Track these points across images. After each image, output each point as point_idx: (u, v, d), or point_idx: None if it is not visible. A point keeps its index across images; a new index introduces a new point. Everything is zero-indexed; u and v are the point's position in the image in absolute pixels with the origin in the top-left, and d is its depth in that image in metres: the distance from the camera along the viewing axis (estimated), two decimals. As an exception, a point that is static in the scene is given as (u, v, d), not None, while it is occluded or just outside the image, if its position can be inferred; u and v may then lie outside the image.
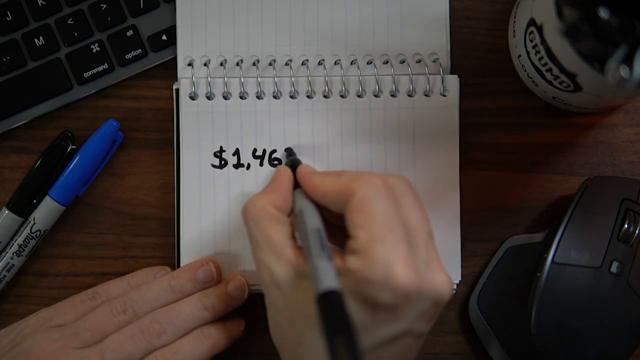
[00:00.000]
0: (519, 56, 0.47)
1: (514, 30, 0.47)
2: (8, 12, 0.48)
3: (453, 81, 0.48)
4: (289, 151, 0.47)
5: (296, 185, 0.42)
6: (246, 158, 0.48)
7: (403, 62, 0.48)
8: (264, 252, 0.39)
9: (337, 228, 0.41)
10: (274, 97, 0.48)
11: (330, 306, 0.34)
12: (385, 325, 0.36)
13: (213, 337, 0.45)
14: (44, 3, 0.48)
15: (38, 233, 0.48)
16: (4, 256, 0.48)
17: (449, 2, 0.49)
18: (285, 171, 0.43)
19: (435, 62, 0.48)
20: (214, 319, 0.46)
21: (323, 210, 0.41)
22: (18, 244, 0.47)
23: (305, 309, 0.37)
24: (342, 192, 0.38)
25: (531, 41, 0.44)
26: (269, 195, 0.41)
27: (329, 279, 0.35)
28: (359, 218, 0.37)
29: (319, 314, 0.34)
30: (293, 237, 0.40)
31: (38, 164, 0.48)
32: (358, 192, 0.38)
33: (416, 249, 0.37)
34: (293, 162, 0.44)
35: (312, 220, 0.39)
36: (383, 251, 0.36)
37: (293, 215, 0.41)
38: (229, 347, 0.46)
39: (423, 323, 0.38)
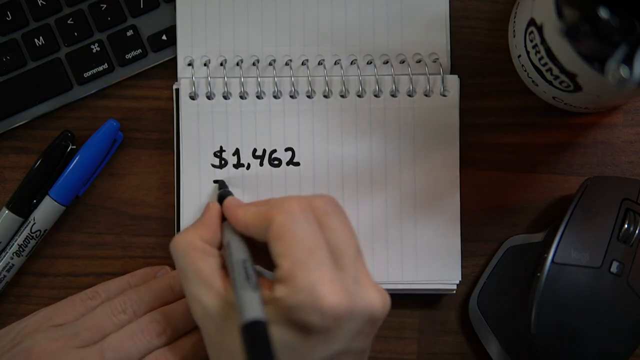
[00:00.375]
0: (519, 56, 0.47)
1: (514, 30, 0.47)
2: (8, 12, 0.48)
3: (453, 81, 0.48)
4: (220, 184, 0.47)
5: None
6: (246, 158, 0.48)
7: (403, 62, 0.48)
8: (194, 285, 0.39)
9: (265, 255, 0.40)
10: (274, 97, 0.48)
11: (254, 336, 0.34)
12: (320, 348, 0.36)
13: (212, 337, 0.45)
14: (44, 3, 0.48)
15: (38, 233, 0.48)
16: (4, 256, 0.48)
17: (449, 2, 0.49)
18: (214, 205, 0.43)
19: (435, 62, 0.48)
20: (213, 318, 0.46)
21: (254, 241, 0.40)
22: (18, 244, 0.47)
23: (237, 340, 0.36)
24: (262, 222, 0.38)
25: (531, 41, 0.44)
26: (198, 229, 0.41)
27: (252, 309, 0.35)
28: (279, 246, 0.37)
29: (243, 344, 0.34)
30: (223, 268, 0.40)
31: (38, 164, 0.48)
32: (275, 220, 0.37)
33: (343, 267, 0.37)
34: (222, 195, 0.44)
35: (238, 252, 0.39)
36: (306, 275, 0.36)
37: (222, 247, 0.41)
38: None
39: (360, 340, 0.37)
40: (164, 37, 0.49)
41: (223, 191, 0.46)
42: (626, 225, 0.45)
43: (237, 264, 0.38)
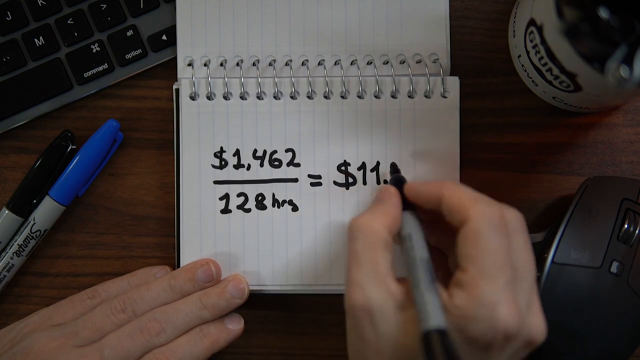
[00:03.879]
0: (519, 56, 0.47)
1: (514, 30, 0.47)
2: (8, 12, 0.48)
3: (454, 83, 0.48)
4: (393, 167, 0.47)
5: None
6: (246, 159, 0.48)
7: (403, 62, 0.48)
8: (365, 275, 0.37)
9: (435, 252, 0.40)
10: (275, 97, 0.48)
11: (438, 346, 0.34)
12: None
13: (212, 336, 0.45)
14: (44, 3, 0.48)
15: (38, 233, 0.48)
16: (4, 256, 0.48)
17: (449, 2, 0.49)
18: (395, 191, 0.41)
19: (435, 62, 0.48)
20: (213, 318, 0.46)
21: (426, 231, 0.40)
22: (18, 244, 0.47)
23: (400, 343, 0.36)
24: (460, 210, 0.38)
25: (531, 41, 0.44)
26: (383, 217, 0.39)
27: (437, 317, 0.34)
28: (470, 250, 0.36)
29: (425, 352, 0.34)
30: (393, 267, 0.38)
31: (38, 164, 0.48)
32: (473, 221, 0.37)
33: (521, 290, 0.37)
34: (398, 180, 0.44)
35: (421, 249, 0.38)
36: (491, 291, 0.35)
37: (400, 237, 0.40)
38: (228, 346, 0.46)
39: None
40: (164, 37, 0.49)
41: (397, 176, 0.45)
42: (626, 225, 0.45)
43: (421, 262, 0.37)
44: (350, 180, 0.48)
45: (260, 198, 0.48)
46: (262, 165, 0.48)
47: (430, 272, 0.37)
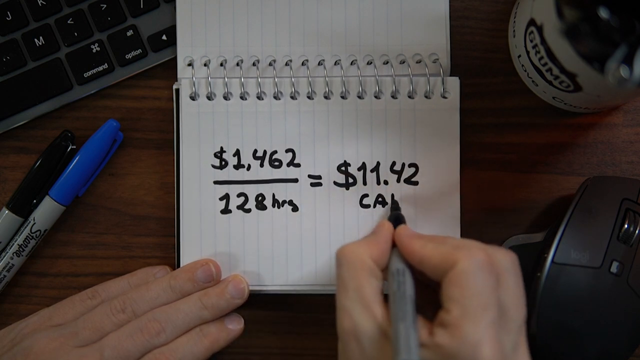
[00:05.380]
0: (519, 56, 0.47)
1: (514, 30, 0.47)
2: (8, 12, 0.48)
3: (454, 83, 0.48)
4: (394, 205, 0.47)
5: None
6: (247, 159, 0.48)
7: (403, 62, 0.48)
8: (351, 300, 0.38)
9: (424, 288, 0.40)
10: (275, 97, 0.48)
11: None
12: None
13: (212, 336, 0.45)
14: (44, 3, 0.48)
15: (38, 233, 0.48)
16: (4, 256, 0.48)
17: (449, 2, 0.49)
18: (388, 226, 0.42)
19: (435, 62, 0.48)
20: (213, 318, 0.46)
21: (414, 271, 0.40)
22: (18, 244, 0.47)
23: None
24: (443, 262, 0.37)
25: (531, 41, 0.44)
26: (370, 246, 0.40)
27: (410, 351, 0.35)
28: (455, 291, 0.36)
29: None
30: (382, 293, 0.39)
31: (38, 164, 0.48)
32: (459, 265, 0.37)
33: (507, 330, 0.36)
34: (396, 218, 0.44)
35: (408, 285, 0.38)
36: (474, 331, 0.35)
37: (387, 273, 0.40)
38: (228, 346, 0.46)
39: None
40: (164, 37, 0.49)
41: (396, 213, 0.45)
42: (626, 225, 0.45)
43: (402, 299, 0.37)
44: (351, 180, 0.48)
45: (260, 198, 0.48)
46: (262, 165, 0.48)
47: (412, 308, 0.37)
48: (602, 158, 0.49)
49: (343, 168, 0.48)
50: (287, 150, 0.48)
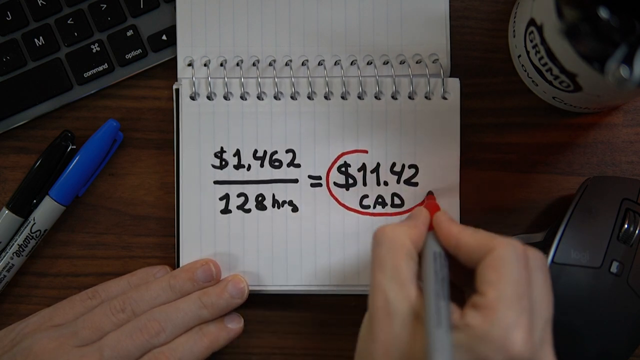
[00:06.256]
0: (519, 56, 0.47)
1: (514, 30, 0.47)
2: (8, 12, 0.48)
3: (454, 84, 0.48)
4: (429, 193, 0.47)
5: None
6: (247, 159, 0.48)
7: (403, 62, 0.48)
8: (387, 278, 0.38)
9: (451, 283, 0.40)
10: (275, 98, 0.48)
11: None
12: None
13: (211, 335, 0.45)
14: (44, 3, 0.48)
15: (38, 233, 0.48)
16: (4, 256, 0.48)
17: (449, 2, 0.49)
18: (426, 212, 0.42)
19: (435, 62, 0.48)
20: (213, 317, 0.46)
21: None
22: (18, 244, 0.47)
23: (409, 350, 0.36)
24: (481, 247, 0.38)
25: (531, 41, 0.44)
26: (409, 229, 0.40)
27: (441, 328, 0.35)
28: (492, 275, 0.36)
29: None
30: (417, 277, 0.39)
31: (38, 164, 0.48)
32: (498, 250, 0.37)
33: (536, 325, 0.36)
34: (431, 205, 0.45)
35: (443, 267, 0.38)
36: (508, 314, 0.35)
37: (422, 255, 0.40)
38: (228, 345, 0.46)
39: None
40: (164, 37, 0.49)
41: (432, 202, 0.46)
42: (626, 225, 0.45)
43: (444, 280, 0.37)
44: (351, 181, 0.48)
45: (260, 198, 0.48)
46: (262, 165, 0.48)
47: (447, 290, 0.37)
48: (602, 158, 0.49)
49: (343, 169, 0.48)
50: (287, 151, 0.48)
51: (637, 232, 0.45)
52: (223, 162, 0.48)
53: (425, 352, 0.35)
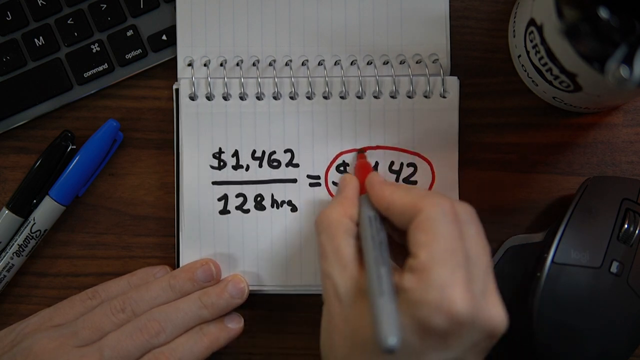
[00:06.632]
0: (519, 56, 0.47)
1: (514, 30, 0.47)
2: (8, 12, 0.48)
3: (453, 83, 0.48)
4: (360, 152, 0.47)
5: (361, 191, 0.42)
6: (245, 159, 0.48)
7: (403, 62, 0.48)
8: (330, 264, 0.39)
9: (394, 242, 0.40)
10: (274, 98, 0.48)
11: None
12: (435, 352, 0.35)
13: (212, 335, 0.45)
14: (44, 3, 0.48)
15: (38, 233, 0.48)
16: (4, 256, 0.48)
17: (449, 2, 0.49)
18: (351, 179, 0.43)
19: (435, 62, 0.48)
20: (213, 317, 0.46)
21: (384, 222, 0.40)
22: (18, 244, 0.47)
23: (360, 329, 0.36)
24: (410, 208, 0.38)
25: (531, 41, 0.44)
26: (341, 206, 0.40)
27: (383, 295, 0.35)
28: (422, 237, 0.37)
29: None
30: (360, 251, 0.39)
31: (38, 164, 0.48)
32: (425, 211, 0.37)
33: (474, 277, 0.36)
34: (362, 166, 0.45)
35: (379, 231, 0.38)
36: (442, 273, 0.35)
37: (359, 221, 0.40)
38: (228, 346, 0.46)
39: (474, 355, 0.37)
40: (164, 37, 0.49)
41: (362, 162, 0.46)
42: (626, 225, 0.45)
43: (381, 243, 0.37)
44: (350, 180, 0.48)
45: (259, 199, 0.48)
46: (260, 165, 0.48)
47: (386, 254, 0.37)
48: (602, 158, 0.49)
49: (342, 168, 0.48)
50: (285, 151, 0.48)
51: (637, 232, 0.45)
52: (221, 163, 0.48)
53: (373, 324, 0.34)
